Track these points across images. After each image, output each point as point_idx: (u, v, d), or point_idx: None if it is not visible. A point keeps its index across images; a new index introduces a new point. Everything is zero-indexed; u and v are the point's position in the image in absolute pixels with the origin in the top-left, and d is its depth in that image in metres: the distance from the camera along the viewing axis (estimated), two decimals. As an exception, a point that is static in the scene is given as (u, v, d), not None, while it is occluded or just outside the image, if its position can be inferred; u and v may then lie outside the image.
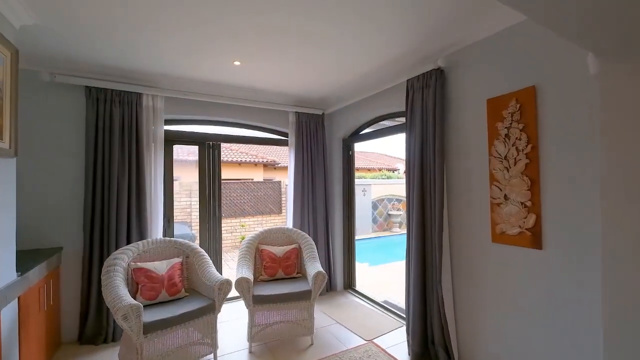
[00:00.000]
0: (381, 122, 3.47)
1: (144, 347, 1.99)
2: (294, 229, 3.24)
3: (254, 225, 7.51)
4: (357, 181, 5.45)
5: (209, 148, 3.50)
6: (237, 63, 2.64)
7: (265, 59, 2.56)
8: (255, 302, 2.47)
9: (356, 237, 4.01)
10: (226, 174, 8.43)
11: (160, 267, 2.43)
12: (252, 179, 8.98)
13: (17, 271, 1.88)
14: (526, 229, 1.84)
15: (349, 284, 3.86)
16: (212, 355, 2.37)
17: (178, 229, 4.77)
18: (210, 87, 3.15)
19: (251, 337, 2.46)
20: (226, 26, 2.06)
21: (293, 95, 3.53)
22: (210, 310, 2.31)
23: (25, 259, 2.16)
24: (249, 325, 2.46)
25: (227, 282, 2.40)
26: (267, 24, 2.04)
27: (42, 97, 2.56)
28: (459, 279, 2.26)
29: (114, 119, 2.72)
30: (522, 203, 1.86)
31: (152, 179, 2.92)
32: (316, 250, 3.00)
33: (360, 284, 3.88)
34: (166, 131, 3.16)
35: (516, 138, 1.88)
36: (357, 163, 6.19)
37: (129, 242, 2.73)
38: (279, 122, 3.69)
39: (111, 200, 2.67)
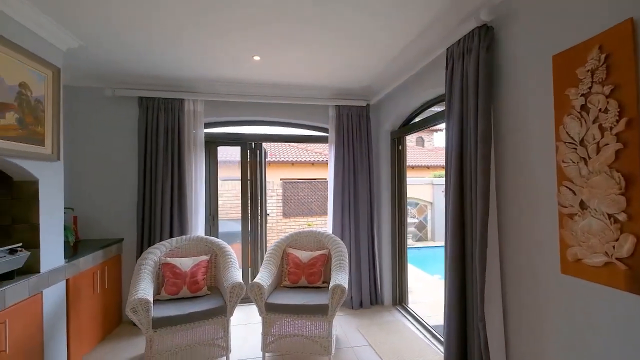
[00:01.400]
0: (432, 109, 2.85)
1: (154, 341, 2.06)
2: (326, 232, 2.96)
3: (321, 225, 7.48)
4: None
5: (250, 148, 3.54)
6: (257, 58, 2.55)
7: (296, 50, 2.42)
8: (268, 310, 2.31)
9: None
10: (298, 173, 8.68)
11: (185, 263, 2.52)
12: (326, 179, 9.00)
13: (64, 258, 2.21)
14: (618, 258, 1.12)
15: (399, 300, 3.33)
16: (224, 359, 2.33)
17: (232, 227, 5.02)
18: (246, 87, 3.18)
19: (264, 347, 2.31)
20: (250, 23, 2.03)
21: (333, 87, 3.26)
22: (222, 312, 2.26)
23: (87, 248, 2.56)
24: (262, 334, 2.32)
25: (239, 286, 2.31)
26: (292, 15, 1.93)
27: (106, 108, 3.01)
28: (512, 319, 1.60)
29: (160, 124, 2.99)
30: (610, 215, 1.15)
31: (193, 179, 3.10)
32: (346, 259, 2.65)
33: (418, 300, 3.30)
34: (209, 133, 3.34)
35: (599, 110, 1.17)
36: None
37: (171, 237, 2.96)
38: (319, 117, 3.46)
39: (156, 198, 2.94)
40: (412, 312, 3.07)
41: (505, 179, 1.64)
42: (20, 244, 1.87)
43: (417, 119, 3.08)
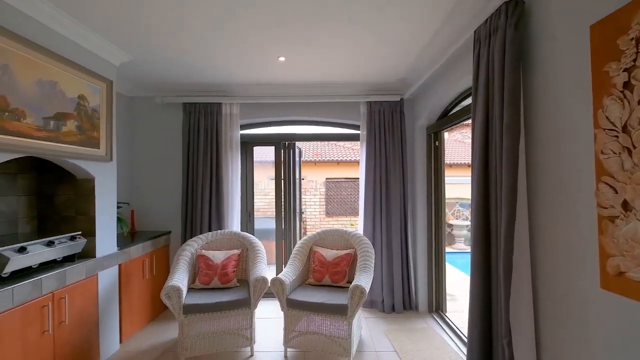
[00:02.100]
0: (469, 100, 2.59)
1: (185, 325, 2.25)
2: (354, 232, 2.90)
3: (365, 225, 7.35)
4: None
5: (284, 148, 3.63)
6: (282, 59, 2.61)
7: (319, 47, 2.42)
8: (289, 306, 2.35)
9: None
10: (344, 173, 8.65)
11: (218, 256, 2.70)
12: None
13: (117, 246, 2.53)
14: (671, 272, 0.89)
15: (436, 307, 3.10)
16: (249, 349, 2.43)
17: (270, 224, 5.15)
18: (276, 88, 3.27)
19: (286, 342, 2.36)
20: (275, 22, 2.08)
21: (364, 83, 3.18)
22: (246, 304, 2.37)
23: (139, 238, 2.90)
24: (284, 329, 2.37)
25: (263, 280, 2.40)
26: (313, 13, 1.94)
27: (157, 115, 3.37)
28: (544, 339, 1.37)
29: (200, 127, 3.24)
30: (660, 219, 0.91)
31: (230, 177, 3.30)
32: (372, 260, 2.57)
33: (460, 309, 3.04)
34: (245, 134, 3.52)
35: (646, 89, 0.95)
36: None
37: (209, 231, 3.19)
38: (350, 115, 3.40)
39: (197, 195, 3.20)
40: (448, 321, 2.84)
41: (536, 175, 1.42)
42: (80, 232, 2.20)
43: (454, 111, 2.83)
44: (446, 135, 3.17)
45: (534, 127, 1.44)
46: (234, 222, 3.30)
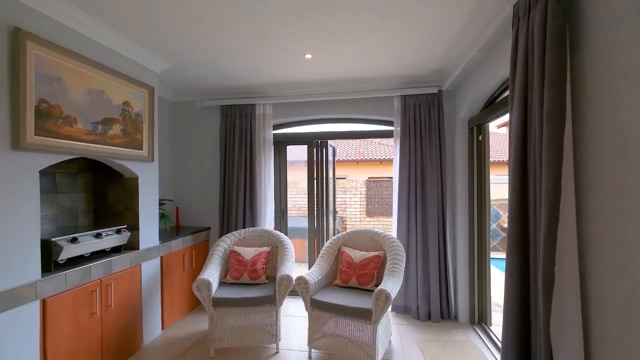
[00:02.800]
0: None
1: (214, 317, 2.35)
2: (384, 233, 2.75)
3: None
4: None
5: (316, 146, 3.61)
6: (308, 56, 2.59)
7: (347, 43, 2.35)
8: (313, 306, 2.31)
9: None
10: (387, 172, 8.36)
11: (248, 252, 2.78)
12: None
13: (159, 240, 2.74)
14: None
15: (479, 319, 2.81)
16: (274, 345, 2.46)
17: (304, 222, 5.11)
18: (307, 87, 3.26)
19: (310, 342, 2.33)
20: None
21: (398, 76, 3.02)
22: (271, 301, 2.39)
23: (181, 233, 3.12)
24: (308, 329, 2.34)
25: (288, 278, 2.40)
26: (339, 6, 1.88)
27: (197, 118, 3.59)
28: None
29: (236, 128, 3.37)
30: None
31: (263, 176, 3.38)
32: (401, 264, 2.42)
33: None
34: (278, 134, 3.58)
35: None
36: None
37: (243, 227, 3.30)
38: (383, 110, 3.25)
39: (232, 193, 3.33)
40: (492, 335, 2.55)
41: (588, 174, 1.18)
42: (125, 226, 2.43)
43: (501, 99, 2.52)
44: (492, 127, 2.85)
45: (585, 115, 1.20)
46: (267, 220, 3.37)
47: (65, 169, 2.38)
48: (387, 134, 3.40)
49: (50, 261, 1.85)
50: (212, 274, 2.49)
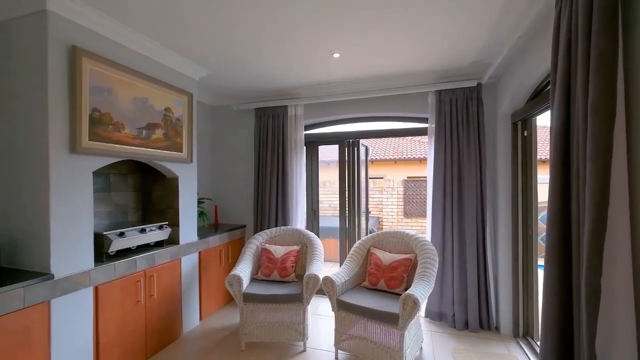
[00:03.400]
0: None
1: (244, 312, 2.45)
2: (415, 235, 2.64)
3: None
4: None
5: (348, 146, 3.58)
6: (336, 55, 2.57)
7: (375, 38, 2.30)
8: (339, 307, 2.30)
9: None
10: (425, 171, 8.01)
11: (278, 250, 2.85)
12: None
13: (197, 236, 2.93)
14: None
15: (525, 331, 2.56)
16: (302, 343, 2.48)
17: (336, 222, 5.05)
18: (336, 87, 3.25)
19: (337, 343, 2.32)
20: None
21: (432, 70, 2.87)
22: (298, 299, 2.42)
23: (218, 230, 3.30)
24: (335, 330, 2.33)
25: (314, 277, 2.42)
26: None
27: (234, 121, 3.77)
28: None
29: (269, 129, 3.48)
30: None
31: (295, 176, 3.43)
32: (433, 268, 2.30)
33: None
34: (310, 134, 3.62)
35: None
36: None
37: (275, 226, 3.39)
38: (417, 107, 3.12)
39: (265, 193, 3.44)
40: (539, 350, 2.30)
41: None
42: (167, 222, 2.63)
43: (547, 90, 2.28)
44: (539, 121, 2.57)
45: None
46: (298, 219, 3.42)
47: (118, 170, 2.65)
48: (422, 132, 3.26)
49: (102, 253, 2.07)
50: (243, 270, 2.59)
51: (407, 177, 7.92)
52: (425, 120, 3.15)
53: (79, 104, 1.89)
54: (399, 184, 7.21)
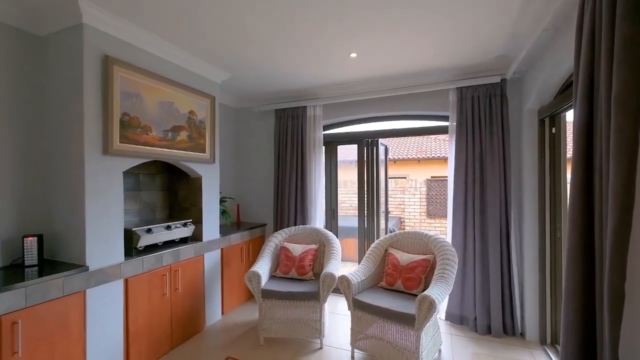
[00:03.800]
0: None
1: (263, 307, 2.52)
2: (434, 235, 2.58)
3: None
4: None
5: (367, 145, 3.57)
6: (353, 55, 2.58)
7: (393, 37, 2.30)
8: (355, 306, 2.30)
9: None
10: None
11: (296, 249, 2.90)
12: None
13: (220, 234, 3.05)
14: None
15: (553, 339, 2.43)
16: (319, 341, 2.51)
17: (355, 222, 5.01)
18: (355, 86, 3.25)
19: (353, 342, 2.32)
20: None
21: (453, 66, 2.78)
22: (315, 297, 2.46)
23: (240, 228, 3.41)
24: (351, 329, 2.34)
25: (331, 276, 2.44)
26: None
27: (255, 122, 3.87)
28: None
29: (288, 130, 3.54)
30: None
31: (314, 176, 3.47)
32: (452, 269, 2.25)
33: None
34: (329, 134, 3.64)
35: None
36: None
37: (295, 225, 3.45)
38: (437, 105, 3.05)
39: (284, 192, 3.51)
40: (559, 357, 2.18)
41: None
42: (191, 220, 2.76)
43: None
44: (569, 116, 2.42)
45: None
46: (317, 219, 3.45)
47: (147, 171, 2.81)
48: (442, 130, 3.18)
49: (131, 247, 2.22)
50: (262, 267, 2.66)
51: (431, 177, 7.73)
52: (446, 118, 3.08)
53: (111, 108, 2.04)
54: (422, 183, 7.04)
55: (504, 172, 2.65)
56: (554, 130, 2.44)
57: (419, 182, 7.02)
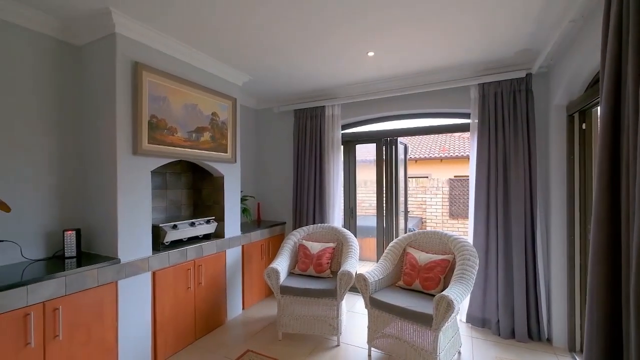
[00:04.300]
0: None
1: (281, 303, 2.58)
2: (454, 235, 2.53)
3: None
4: None
5: (385, 144, 3.55)
6: (370, 54, 2.58)
7: (411, 35, 2.30)
8: (372, 305, 2.31)
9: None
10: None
11: (314, 247, 2.94)
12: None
13: (241, 231, 3.15)
14: None
15: (582, 346, 2.31)
16: (336, 338, 2.54)
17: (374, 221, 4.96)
18: (373, 85, 3.25)
19: (370, 341, 2.33)
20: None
21: (474, 62, 2.72)
22: (332, 295, 2.48)
23: (260, 226, 3.51)
24: (368, 327, 2.34)
25: (348, 274, 2.46)
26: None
27: (275, 123, 3.95)
28: None
29: (307, 130, 3.59)
30: None
31: (332, 175, 3.50)
32: (472, 270, 2.20)
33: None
34: (348, 133, 3.66)
35: None
36: None
37: (313, 223, 3.49)
38: (457, 102, 2.98)
39: (303, 191, 3.57)
40: (598, 369, 2.07)
41: None
42: (213, 217, 2.88)
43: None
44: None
45: None
46: (335, 218, 3.48)
47: (172, 170, 2.96)
48: (463, 128, 3.10)
49: (158, 242, 2.35)
50: (280, 264, 2.73)
51: (454, 176, 7.52)
52: (466, 115, 3.00)
53: (140, 111, 2.17)
54: (444, 183, 6.87)
55: (530, 170, 2.55)
56: (584, 126, 2.32)
57: (441, 182, 6.85)
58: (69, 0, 1.82)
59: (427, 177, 7.90)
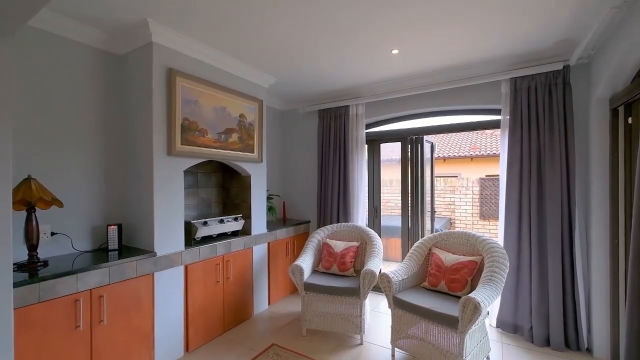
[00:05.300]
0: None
1: (305, 300, 2.63)
2: (483, 236, 2.44)
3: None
4: None
5: (411, 143, 3.49)
6: (395, 52, 2.56)
7: (436, 33, 2.27)
8: (395, 305, 2.29)
9: None
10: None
11: (338, 245, 2.96)
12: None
13: (266, 228, 3.24)
14: None
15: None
16: (359, 336, 2.54)
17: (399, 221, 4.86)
18: (398, 82, 3.21)
19: (393, 341, 2.31)
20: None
21: (505, 55, 2.60)
22: (355, 293, 2.49)
23: (286, 225, 3.59)
24: (391, 327, 2.33)
25: (371, 273, 2.46)
26: None
27: (300, 123, 4.02)
28: None
29: (331, 129, 3.62)
30: None
31: (356, 174, 3.50)
32: (502, 273, 2.12)
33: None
34: (372, 132, 3.65)
35: None
36: None
37: (337, 222, 3.51)
38: (487, 98, 2.87)
39: (327, 190, 3.60)
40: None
41: None
42: (241, 215, 2.99)
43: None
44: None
45: None
46: (359, 217, 3.48)
47: (203, 170, 3.11)
48: (493, 125, 2.98)
49: (190, 238, 2.49)
50: (305, 261, 2.78)
51: (486, 176, 7.19)
52: (497, 111, 2.88)
53: (174, 115, 2.32)
54: (475, 182, 6.59)
55: (567, 168, 2.40)
56: (630, 120, 2.14)
57: (471, 181, 6.58)
58: (112, 13, 1.99)
59: (456, 176, 7.62)
